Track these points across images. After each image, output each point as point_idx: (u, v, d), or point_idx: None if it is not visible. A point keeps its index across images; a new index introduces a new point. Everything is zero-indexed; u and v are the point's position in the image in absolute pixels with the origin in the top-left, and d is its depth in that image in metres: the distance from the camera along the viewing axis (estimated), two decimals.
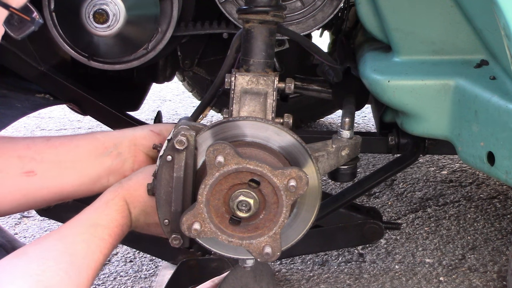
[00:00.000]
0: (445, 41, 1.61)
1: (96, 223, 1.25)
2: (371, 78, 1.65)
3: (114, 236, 1.26)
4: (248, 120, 1.29)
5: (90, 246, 1.21)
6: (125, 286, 2.15)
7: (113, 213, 1.29)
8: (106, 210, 1.29)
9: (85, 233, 1.22)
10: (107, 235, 1.24)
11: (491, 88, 1.46)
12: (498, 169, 1.42)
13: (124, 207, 1.31)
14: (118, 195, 1.32)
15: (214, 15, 1.88)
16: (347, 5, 2.01)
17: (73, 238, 1.21)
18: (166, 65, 2.15)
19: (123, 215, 1.30)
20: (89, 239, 1.21)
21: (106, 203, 1.30)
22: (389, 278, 2.15)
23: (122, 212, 1.30)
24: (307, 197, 1.29)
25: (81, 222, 1.25)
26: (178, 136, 1.25)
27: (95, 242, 1.22)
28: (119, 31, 1.70)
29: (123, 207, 1.31)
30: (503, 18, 1.24)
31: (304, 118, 3.40)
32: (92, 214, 1.28)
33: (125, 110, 2.13)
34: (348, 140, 1.45)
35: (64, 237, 1.22)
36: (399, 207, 2.66)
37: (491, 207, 2.63)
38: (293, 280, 2.15)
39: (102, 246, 1.22)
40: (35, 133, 3.60)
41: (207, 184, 1.20)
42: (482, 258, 2.26)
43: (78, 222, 1.25)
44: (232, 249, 1.29)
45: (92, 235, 1.22)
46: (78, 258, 1.18)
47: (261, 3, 1.39)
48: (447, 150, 1.76)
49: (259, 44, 1.39)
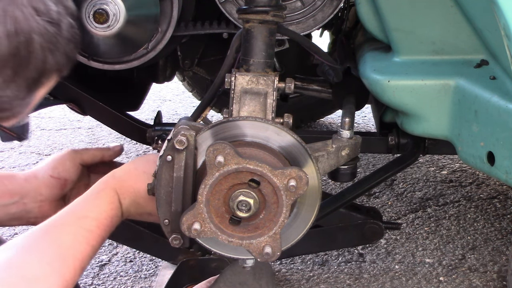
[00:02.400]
0: (445, 41, 1.62)
1: (85, 215, 1.25)
2: (371, 78, 1.65)
3: (103, 228, 1.26)
4: (248, 120, 1.29)
5: (76, 238, 1.21)
6: (125, 286, 2.15)
7: (103, 204, 1.29)
8: (95, 201, 1.29)
9: (72, 224, 1.23)
10: (94, 227, 1.24)
11: (491, 88, 1.46)
12: (498, 169, 1.42)
13: (114, 198, 1.31)
14: (108, 186, 1.32)
15: (214, 15, 1.88)
16: (347, 5, 2.01)
17: (61, 229, 1.22)
18: (166, 65, 2.15)
19: (112, 207, 1.30)
20: (76, 231, 1.22)
21: (97, 194, 1.30)
22: (389, 278, 2.15)
23: (111, 204, 1.30)
24: (307, 197, 1.29)
25: (70, 213, 1.26)
26: (178, 136, 1.25)
27: (81, 234, 1.22)
28: (119, 31, 1.70)
29: (113, 198, 1.31)
30: (503, 18, 1.24)
31: (304, 118, 3.40)
32: (82, 205, 1.28)
33: (125, 110, 2.13)
34: (348, 140, 1.45)
35: (51, 229, 1.22)
36: (399, 207, 2.66)
37: (491, 207, 2.63)
38: (293, 280, 2.15)
39: (89, 237, 1.22)
40: (35, 133, 3.60)
41: (207, 184, 1.20)
42: (482, 258, 2.26)
43: (67, 213, 1.26)
44: (232, 249, 1.29)
45: (80, 226, 1.23)
46: (64, 249, 1.18)
47: (261, 3, 1.39)
48: (447, 150, 1.77)
49: (259, 44, 1.40)
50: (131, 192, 1.34)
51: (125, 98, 2.26)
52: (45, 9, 1.07)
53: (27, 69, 1.07)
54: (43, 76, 1.11)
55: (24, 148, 3.39)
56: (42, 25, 1.06)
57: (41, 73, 1.10)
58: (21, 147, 3.39)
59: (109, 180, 1.34)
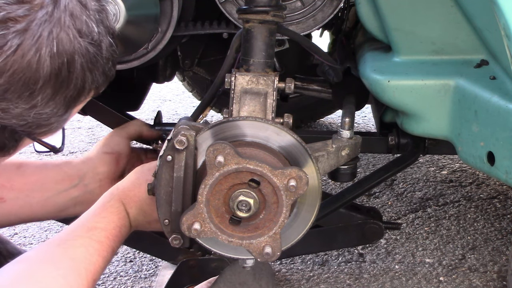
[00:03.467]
0: (445, 41, 1.61)
1: (93, 226, 1.27)
2: (371, 78, 1.65)
3: (112, 238, 1.28)
4: (248, 120, 1.29)
5: (88, 250, 1.22)
6: (125, 286, 2.15)
7: (110, 215, 1.31)
8: (102, 212, 1.31)
9: (83, 236, 1.25)
10: (104, 237, 1.26)
11: (491, 88, 1.46)
12: (498, 169, 1.42)
13: (121, 209, 1.33)
14: (114, 197, 1.34)
15: (214, 15, 1.88)
16: (347, 5, 2.01)
17: (72, 242, 1.23)
18: (166, 65, 2.15)
19: (120, 217, 1.32)
20: (87, 243, 1.23)
21: (103, 206, 1.33)
22: (389, 278, 2.15)
23: (119, 214, 1.32)
24: (307, 197, 1.29)
25: (79, 226, 1.28)
26: (178, 136, 1.25)
27: (92, 245, 1.24)
28: (119, 31, 1.70)
29: (119, 209, 1.33)
30: (503, 18, 1.24)
31: (304, 118, 3.40)
32: (90, 218, 1.30)
33: (125, 110, 2.13)
34: (348, 140, 1.45)
35: (63, 242, 1.24)
36: (399, 207, 2.66)
37: (491, 207, 2.63)
38: (293, 280, 2.15)
39: (100, 249, 1.24)
40: None
41: (207, 184, 1.20)
42: (482, 258, 2.26)
43: (76, 226, 1.28)
44: (232, 249, 1.29)
45: (90, 238, 1.24)
46: (77, 263, 1.20)
47: (261, 3, 1.39)
48: (447, 150, 1.77)
49: (259, 44, 1.40)
50: (136, 201, 1.36)
51: (125, 98, 2.26)
52: (88, 30, 1.09)
53: (67, 88, 1.08)
54: (82, 95, 1.13)
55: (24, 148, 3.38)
56: (84, 46, 1.08)
57: (80, 92, 1.11)
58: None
59: (114, 192, 1.36)
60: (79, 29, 1.07)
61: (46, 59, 1.03)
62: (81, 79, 1.10)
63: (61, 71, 1.06)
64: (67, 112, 1.13)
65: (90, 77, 1.12)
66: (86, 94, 1.14)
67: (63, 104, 1.10)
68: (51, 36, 1.03)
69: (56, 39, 1.04)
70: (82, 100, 1.15)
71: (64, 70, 1.06)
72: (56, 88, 1.07)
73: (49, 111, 1.09)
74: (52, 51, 1.03)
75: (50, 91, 1.06)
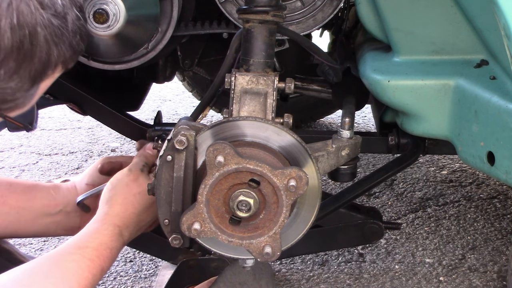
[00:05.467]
0: (445, 41, 1.62)
1: (85, 246, 1.29)
2: (371, 78, 1.65)
3: (103, 259, 1.29)
4: (248, 120, 1.29)
5: (80, 265, 1.24)
6: (125, 286, 2.15)
7: (102, 237, 1.33)
8: (94, 234, 1.33)
9: (75, 253, 1.27)
10: (95, 257, 1.28)
11: (491, 88, 1.46)
12: (498, 169, 1.42)
13: (115, 231, 1.35)
14: (107, 222, 1.36)
15: (214, 15, 1.88)
16: (347, 5, 2.01)
17: (64, 257, 1.26)
18: (166, 65, 2.15)
19: (112, 239, 1.34)
20: (78, 259, 1.25)
21: (96, 229, 1.35)
22: (389, 278, 2.15)
23: (112, 236, 1.34)
24: (307, 197, 1.29)
25: (72, 244, 1.30)
26: (178, 136, 1.25)
27: (84, 262, 1.25)
28: (119, 31, 1.70)
29: (113, 232, 1.35)
30: (503, 18, 1.24)
31: (304, 118, 3.40)
32: (82, 238, 1.32)
33: (125, 110, 2.13)
34: (348, 140, 1.45)
35: (56, 256, 1.27)
36: (399, 207, 2.66)
37: (491, 207, 2.63)
38: (293, 280, 2.15)
39: (91, 266, 1.26)
40: (35, 133, 3.60)
41: (207, 184, 1.20)
42: (482, 258, 2.26)
43: (69, 245, 1.30)
44: (232, 249, 1.29)
45: (82, 255, 1.26)
46: (68, 275, 1.22)
47: (261, 3, 1.39)
48: (447, 150, 1.76)
49: (259, 44, 1.40)
50: (133, 218, 1.39)
51: (125, 98, 2.26)
52: (50, 2, 1.08)
53: (31, 61, 1.07)
54: (48, 68, 1.11)
55: (24, 148, 3.39)
56: (47, 18, 1.07)
57: (45, 66, 1.10)
58: (21, 147, 3.39)
59: (106, 218, 1.37)
60: (40, 1, 1.06)
61: (6, 31, 1.02)
62: (46, 52, 1.08)
63: (23, 44, 1.04)
64: (33, 86, 1.11)
65: (56, 51, 1.10)
66: (52, 68, 1.12)
67: (28, 78, 1.09)
68: (10, 8, 1.02)
69: (16, 11, 1.02)
70: (49, 75, 1.13)
71: (26, 43, 1.05)
72: (19, 62, 1.05)
73: (14, 85, 1.08)
74: (12, 22, 1.02)
75: (13, 65, 1.05)
